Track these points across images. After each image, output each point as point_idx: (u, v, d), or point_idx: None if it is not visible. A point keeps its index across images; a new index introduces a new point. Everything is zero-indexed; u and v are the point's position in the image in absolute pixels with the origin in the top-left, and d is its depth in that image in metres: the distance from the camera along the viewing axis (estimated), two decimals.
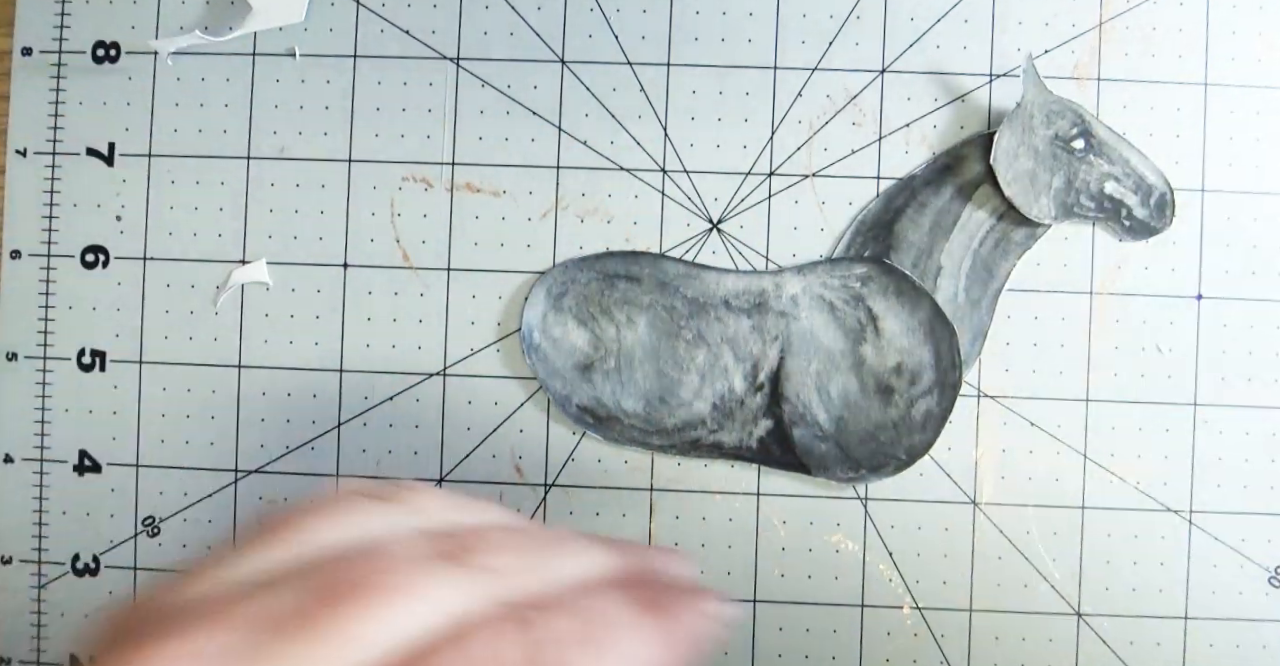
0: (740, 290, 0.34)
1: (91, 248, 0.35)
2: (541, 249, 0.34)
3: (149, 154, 0.35)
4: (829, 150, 0.34)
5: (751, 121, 0.34)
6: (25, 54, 0.35)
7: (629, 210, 0.34)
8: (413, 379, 0.34)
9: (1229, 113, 0.34)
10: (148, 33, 0.35)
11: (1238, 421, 0.34)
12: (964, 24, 0.34)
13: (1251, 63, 0.34)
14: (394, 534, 0.18)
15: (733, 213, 0.34)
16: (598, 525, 0.34)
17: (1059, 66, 0.34)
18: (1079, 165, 0.33)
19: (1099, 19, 0.34)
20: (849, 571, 0.34)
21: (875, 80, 0.34)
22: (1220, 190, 0.34)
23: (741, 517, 0.34)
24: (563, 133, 0.35)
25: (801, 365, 0.33)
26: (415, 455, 0.34)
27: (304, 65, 0.35)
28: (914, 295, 0.34)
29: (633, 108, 0.34)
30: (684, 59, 0.34)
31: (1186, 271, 0.34)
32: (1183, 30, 0.34)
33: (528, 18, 0.35)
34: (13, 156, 0.35)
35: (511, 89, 0.35)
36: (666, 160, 0.34)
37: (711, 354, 0.34)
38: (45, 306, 0.35)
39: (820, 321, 0.34)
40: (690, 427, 0.34)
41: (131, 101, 0.35)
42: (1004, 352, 0.34)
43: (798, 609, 0.34)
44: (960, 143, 0.34)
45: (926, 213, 0.34)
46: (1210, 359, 0.34)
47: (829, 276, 0.34)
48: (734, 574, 0.34)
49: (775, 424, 0.34)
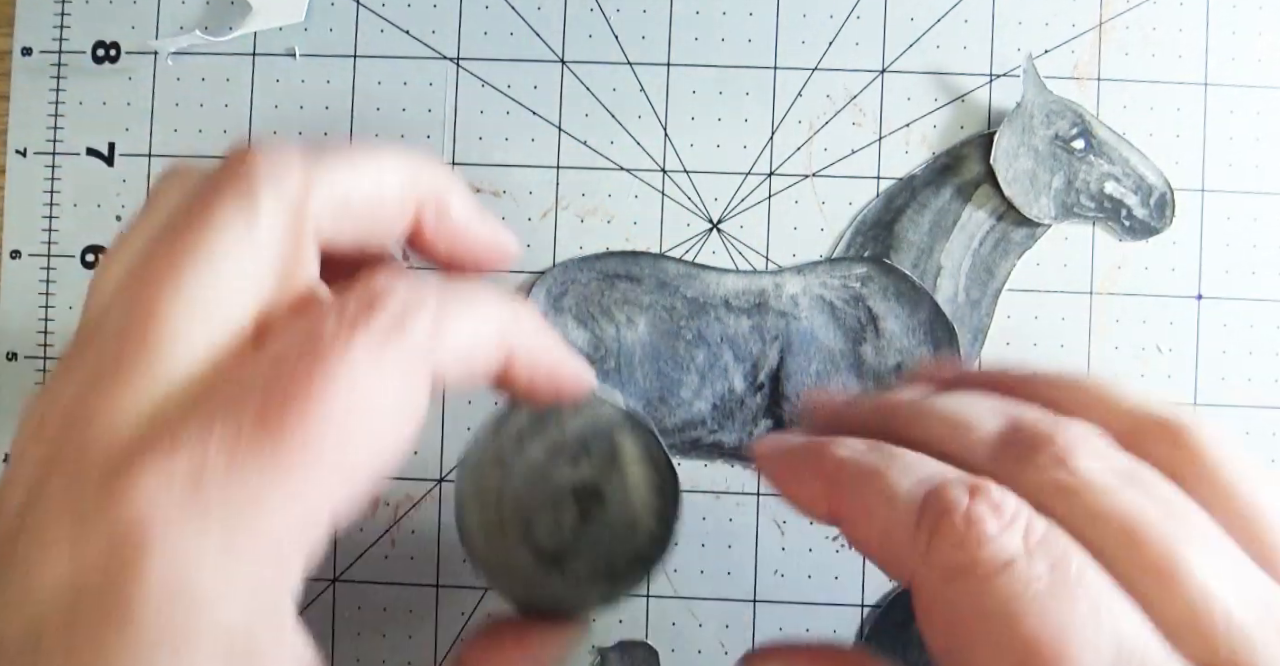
0: (740, 290, 0.34)
1: (91, 247, 0.35)
2: (541, 249, 0.34)
3: (149, 154, 0.35)
4: (829, 150, 0.34)
5: (751, 121, 0.34)
6: (25, 54, 0.35)
7: (629, 210, 0.34)
8: None
9: (1229, 113, 0.34)
10: (148, 33, 0.35)
11: (1238, 421, 0.34)
12: (964, 24, 0.34)
13: (1251, 63, 0.34)
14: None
15: (733, 213, 0.34)
16: None
17: (1059, 66, 0.34)
18: (1079, 165, 0.33)
19: (1099, 19, 0.34)
20: (849, 571, 0.34)
21: (875, 80, 0.34)
22: (1220, 190, 0.34)
23: (741, 517, 0.34)
24: (563, 133, 0.35)
25: (802, 365, 0.33)
26: (415, 455, 0.34)
27: (304, 65, 0.35)
28: (914, 295, 0.34)
29: (633, 108, 0.34)
30: (684, 59, 0.34)
31: (1186, 271, 0.34)
32: (1183, 30, 0.34)
33: (528, 18, 0.35)
34: (13, 156, 0.35)
35: (511, 89, 0.35)
36: (666, 160, 0.34)
37: (711, 354, 0.34)
38: (45, 306, 0.35)
39: (820, 321, 0.34)
40: (690, 427, 0.34)
41: (131, 101, 0.35)
42: (1004, 353, 0.34)
43: (798, 609, 0.34)
44: (960, 143, 0.34)
45: (926, 213, 0.34)
46: (1210, 359, 0.34)
47: (829, 276, 0.34)
48: (734, 574, 0.34)
49: (775, 424, 0.34)
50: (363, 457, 0.19)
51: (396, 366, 0.19)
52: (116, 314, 0.20)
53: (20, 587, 0.18)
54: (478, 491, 0.26)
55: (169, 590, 0.18)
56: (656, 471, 0.26)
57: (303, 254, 0.21)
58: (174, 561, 0.18)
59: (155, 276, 0.20)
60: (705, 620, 0.34)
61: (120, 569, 0.18)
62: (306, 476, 0.18)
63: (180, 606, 0.18)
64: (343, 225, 0.21)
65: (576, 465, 0.26)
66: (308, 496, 0.18)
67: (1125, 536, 0.18)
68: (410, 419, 0.20)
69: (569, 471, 0.26)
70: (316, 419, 0.18)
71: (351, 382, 0.19)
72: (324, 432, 0.18)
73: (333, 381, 0.18)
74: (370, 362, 0.19)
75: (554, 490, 0.26)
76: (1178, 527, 0.18)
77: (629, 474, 0.26)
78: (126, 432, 0.19)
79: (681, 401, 0.33)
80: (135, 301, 0.20)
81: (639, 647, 0.34)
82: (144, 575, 0.18)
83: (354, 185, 0.21)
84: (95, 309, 0.21)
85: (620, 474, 0.26)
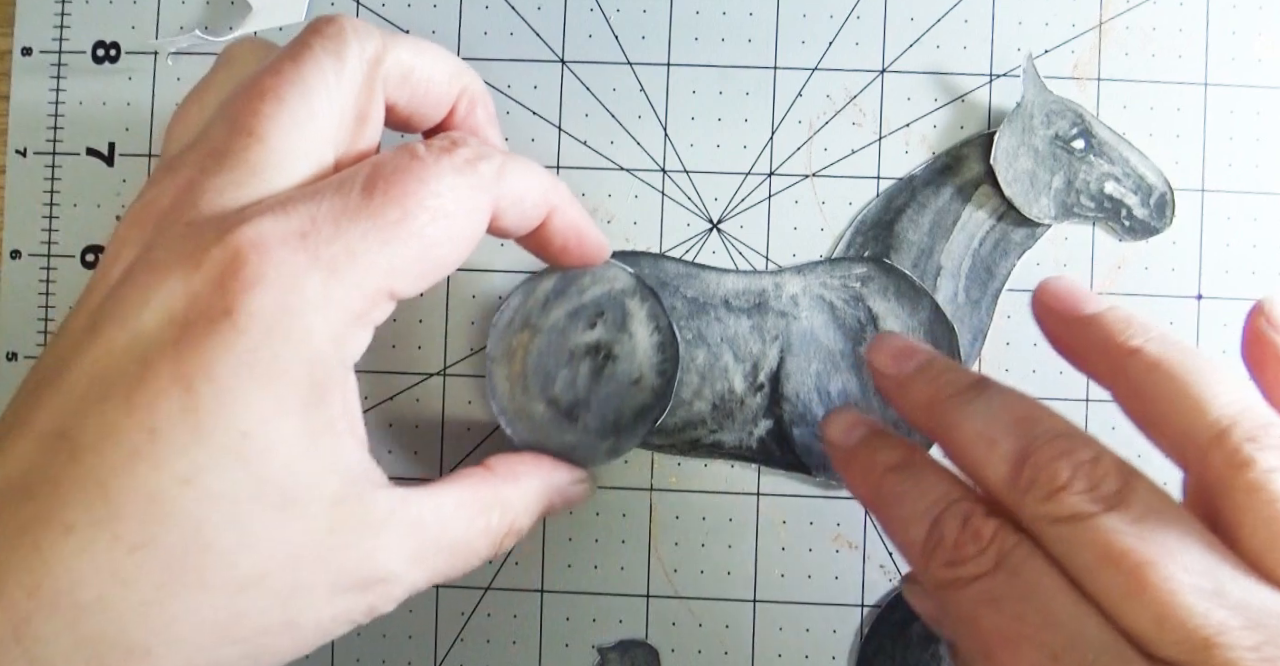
0: (740, 290, 0.34)
1: (91, 248, 0.35)
2: None
3: (149, 154, 0.35)
4: (829, 150, 0.34)
5: (751, 121, 0.34)
6: (25, 54, 0.35)
7: (629, 210, 0.34)
8: (413, 379, 0.34)
9: (1229, 113, 0.34)
10: (148, 33, 0.35)
11: None
12: (964, 24, 0.34)
13: (1251, 63, 0.34)
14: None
15: (733, 213, 0.34)
16: (598, 525, 0.34)
17: (1059, 66, 0.34)
18: (1079, 165, 0.33)
19: (1099, 19, 0.34)
20: (849, 571, 0.34)
21: (875, 80, 0.34)
22: (1220, 190, 0.34)
23: (741, 517, 0.34)
24: (563, 133, 0.35)
25: (801, 365, 0.33)
26: (415, 455, 0.34)
27: None
28: (914, 295, 0.34)
29: (633, 108, 0.34)
30: (684, 59, 0.34)
31: (1186, 271, 0.34)
32: (1183, 30, 0.34)
33: (528, 18, 0.35)
34: (13, 156, 0.35)
35: (511, 89, 0.35)
36: (666, 160, 0.34)
37: (711, 354, 0.34)
38: (45, 306, 0.35)
39: (820, 321, 0.34)
40: (690, 427, 0.34)
41: (131, 101, 0.35)
42: (1004, 352, 0.34)
43: (798, 609, 0.34)
44: (960, 143, 0.34)
45: (926, 213, 0.34)
46: None
47: (829, 276, 0.34)
48: (734, 574, 0.34)
49: (775, 424, 0.34)
50: (438, 249, 0.23)
51: (470, 188, 0.24)
52: (220, 123, 0.23)
53: (127, 316, 0.21)
54: (506, 350, 0.31)
55: (276, 305, 0.21)
56: (659, 331, 0.31)
57: (374, 103, 0.25)
58: (282, 283, 0.21)
59: (259, 93, 0.23)
60: (705, 620, 0.34)
61: (233, 282, 0.21)
62: (397, 246, 0.22)
63: (284, 321, 0.21)
64: (402, 92, 0.25)
65: (592, 327, 0.31)
66: (394, 263, 0.22)
67: (1096, 558, 0.21)
68: (472, 236, 0.24)
69: (586, 332, 0.31)
70: (414, 202, 0.22)
71: (439, 186, 0.23)
72: (417, 214, 0.22)
73: (425, 181, 0.23)
74: (453, 177, 0.23)
75: (572, 348, 0.31)
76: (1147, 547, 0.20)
77: (636, 334, 0.31)
78: (236, 207, 0.22)
79: (681, 401, 0.33)
80: (241, 111, 0.23)
81: (639, 647, 0.34)
82: (255, 289, 0.21)
83: (418, 62, 0.25)
84: (184, 132, 0.25)
85: (629, 334, 0.31)
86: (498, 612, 0.34)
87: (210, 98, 0.25)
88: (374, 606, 0.24)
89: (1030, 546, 0.22)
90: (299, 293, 0.21)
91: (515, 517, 0.27)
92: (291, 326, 0.21)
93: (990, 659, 0.22)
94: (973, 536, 0.23)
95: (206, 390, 0.20)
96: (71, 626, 0.19)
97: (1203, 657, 0.20)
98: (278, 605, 0.21)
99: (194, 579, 0.20)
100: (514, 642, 0.34)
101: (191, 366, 0.20)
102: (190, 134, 0.24)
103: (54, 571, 0.19)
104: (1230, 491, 0.21)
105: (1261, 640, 0.19)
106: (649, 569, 0.34)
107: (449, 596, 0.34)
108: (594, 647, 0.34)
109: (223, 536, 0.21)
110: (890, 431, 0.28)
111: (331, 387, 0.22)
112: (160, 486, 0.20)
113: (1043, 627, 0.21)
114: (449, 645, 0.34)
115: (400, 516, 0.24)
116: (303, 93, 0.23)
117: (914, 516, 0.25)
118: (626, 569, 0.34)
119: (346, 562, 0.22)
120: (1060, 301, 0.26)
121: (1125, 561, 0.21)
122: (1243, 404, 0.22)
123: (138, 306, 0.21)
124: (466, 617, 0.34)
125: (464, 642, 0.34)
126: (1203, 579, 0.20)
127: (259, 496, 0.21)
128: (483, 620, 0.34)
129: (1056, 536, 0.22)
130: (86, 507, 0.20)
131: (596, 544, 0.34)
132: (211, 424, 0.20)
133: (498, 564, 0.34)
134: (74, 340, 0.22)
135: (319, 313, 0.21)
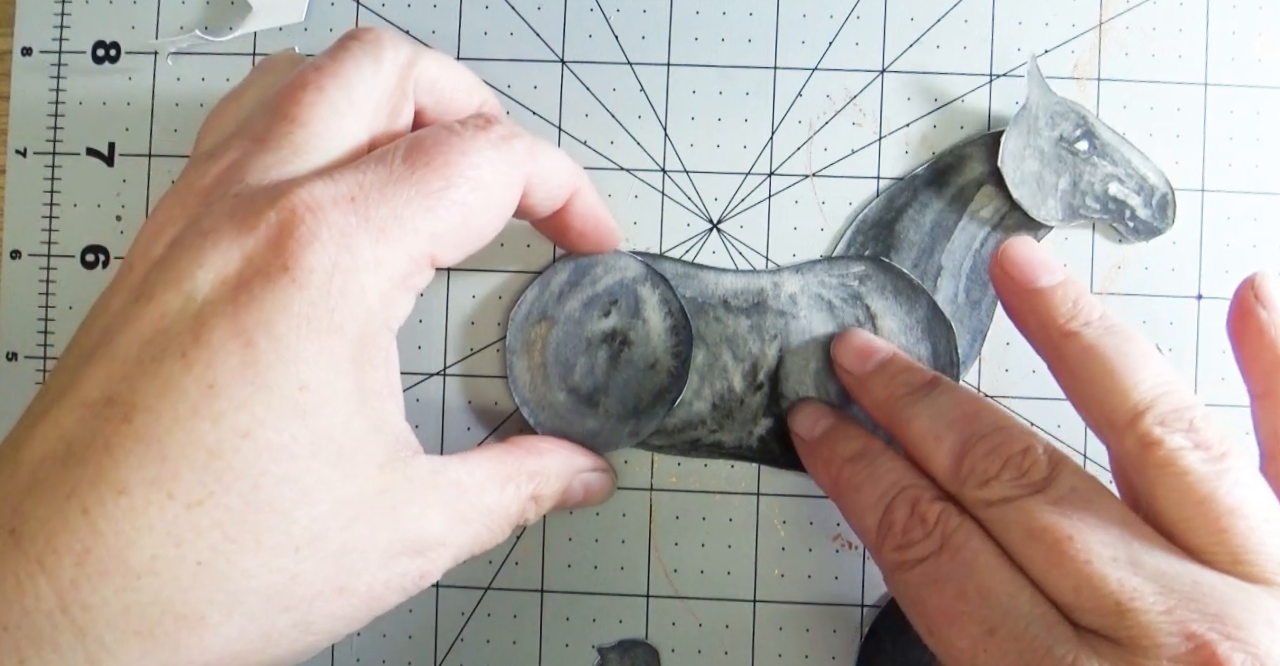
0: (739, 289, 0.34)
1: (91, 247, 0.35)
2: (541, 249, 0.34)
3: (149, 154, 0.35)
4: (829, 150, 0.34)
5: (751, 121, 0.34)
6: (25, 54, 0.35)
7: (629, 210, 0.34)
8: (413, 379, 0.34)
9: (1229, 113, 0.34)
10: (148, 33, 0.35)
11: (1238, 422, 0.34)
12: (964, 24, 0.34)
13: (1251, 63, 0.34)
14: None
15: (733, 213, 0.34)
16: (598, 525, 0.34)
17: (1059, 66, 0.34)
18: (1084, 166, 0.33)
19: (1099, 19, 0.34)
20: (849, 571, 0.34)
21: (875, 80, 0.34)
22: (1220, 190, 0.34)
23: (741, 517, 0.34)
24: (563, 133, 0.35)
25: (800, 364, 0.33)
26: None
27: None
28: (911, 293, 0.34)
29: (633, 108, 0.34)
30: (684, 59, 0.34)
31: (1186, 271, 0.34)
32: (1183, 30, 0.34)
33: (528, 18, 0.35)
34: (13, 156, 0.35)
35: (511, 89, 0.35)
36: (666, 160, 0.34)
37: (710, 353, 0.34)
38: (45, 306, 0.35)
39: (819, 320, 0.34)
40: (690, 427, 0.34)
41: (131, 101, 0.35)
42: (1004, 353, 0.34)
43: (798, 608, 0.34)
44: (961, 143, 0.34)
45: (928, 212, 0.34)
46: (1210, 359, 0.34)
47: (827, 275, 0.34)
48: (734, 574, 0.34)
49: (775, 423, 0.34)
50: (476, 218, 0.24)
51: (506, 162, 0.25)
52: (262, 113, 0.25)
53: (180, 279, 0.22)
54: (525, 342, 0.32)
55: (332, 262, 0.22)
56: (671, 315, 0.32)
57: (406, 102, 0.26)
58: (337, 242, 0.22)
59: (301, 84, 0.24)
60: (705, 620, 0.34)
61: (290, 240, 0.21)
62: (440, 212, 0.23)
63: (338, 278, 0.22)
64: (430, 97, 0.27)
65: (607, 315, 0.32)
66: (436, 229, 0.23)
67: (1023, 535, 0.23)
68: (507, 208, 0.26)
69: (601, 320, 0.32)
70: (455, 171, 0.24)
71: (478, 158, 0.24)
72: (459, 184, 0.24)
73: (466, 153, 0.24)
74: (490, 151, 0.24)
75: (589, 337, 0.32)
76: (1067, 523, 0.23)
77: (650, 319, 0.32)
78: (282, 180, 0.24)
79: (681, 401, 0.33)
80: (284, 101, 0.24)
81: (639, 647, 0.34)
82: (313, 246, 0.22)
83: (443, 73, 0.28)
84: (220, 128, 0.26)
85: (642, 320, 0.32)
86: (498, 612, 0.34)
87: (248, 97, 0.27)
88: (425, 572, 0.24)
89: (971, 527, 0.25)
90: (352, 252, 0.22)
91: (540, 484, 0.28)
92: (347, 284, 0.22)
93: (934, 635, 0.24)
94: (919, 521, 0.25)
95: (266, 344, 0.21)
96: (120, 592, 0.19)
97: (1117, 621, 0.21)
98: (332, 567, 0.21)
99: (250, 538, 0.20)
100: (514, 642, 0.34)
101: (251, 321, 0.21)
102: (226, 129, 0.26)
103: (104, 535, 0.19)
104: (1144, 468, 0.23)
105: (1174, 604, 0.21)
106: (649, 569, 0.34)
107: (449, 596, 0.34)
108: (594, 647, 0.34)
109: (281, 492, 0.21)
110: (854, 423, 0.31)
111: (378, 349, 0.23)
112: (219, 441, 0.20)
113: (981, 604, 0.23)
114: (449, 645, 0.34)
115: (441, 479, 0.24)
116: (342, 85, 0.25)
117: (869, 504, 0.27)
118: (626, 569, 0.34)
119: (397, 525, 0.23)
120: (1018, 269, 0.27)
121: (1046, 536, 0.23)
122: (1162, 389, 0.24)
123: (191, 269, 0.21)
124: (466, 617, 0.34)
125: (464, 642, 0.34)
126: (1118, 550, 0.22)
127: (316, 452, 0.21)
128: (483, 620, 0.34)
129: (990, 518, 0.24)
130: (140, 467, 0.20)
131: (596, 544, 0.34)
132: (271, 377, 0.21)
133: (498, 564, 0.34)
134: (119, 312, 0.22)
135: (370, 272, 0.22)
